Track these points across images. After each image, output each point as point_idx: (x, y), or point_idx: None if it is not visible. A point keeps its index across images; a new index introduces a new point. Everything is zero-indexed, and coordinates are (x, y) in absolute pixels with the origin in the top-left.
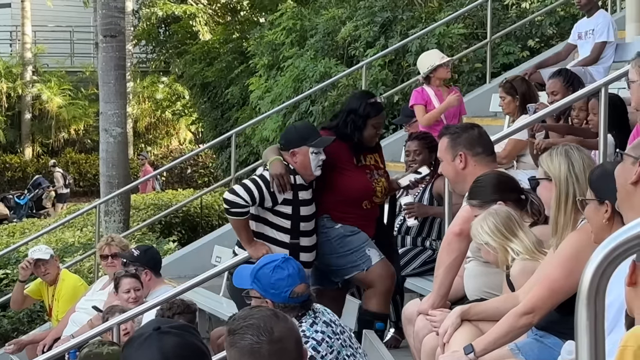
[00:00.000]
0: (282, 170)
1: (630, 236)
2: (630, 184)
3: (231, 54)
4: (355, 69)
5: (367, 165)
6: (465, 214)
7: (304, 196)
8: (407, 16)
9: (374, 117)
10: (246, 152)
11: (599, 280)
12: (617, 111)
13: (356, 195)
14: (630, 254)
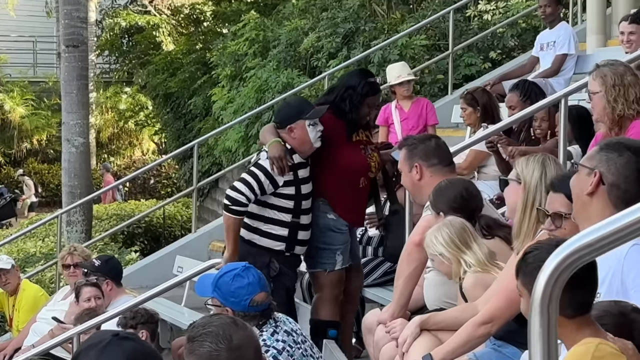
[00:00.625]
0: (281, 152)
1: (582, 244)
2: (586, 195)
3: (194, 64)
4: (318, 80)
5: (360, 141)
6: (426, 224)
7: (303, 174)
8: (369, 27)
9: (371, 96)
10: (209, 163)
11: (552, 288)
12: (584, 122)
13: (354, 170)
14: (583, 262)
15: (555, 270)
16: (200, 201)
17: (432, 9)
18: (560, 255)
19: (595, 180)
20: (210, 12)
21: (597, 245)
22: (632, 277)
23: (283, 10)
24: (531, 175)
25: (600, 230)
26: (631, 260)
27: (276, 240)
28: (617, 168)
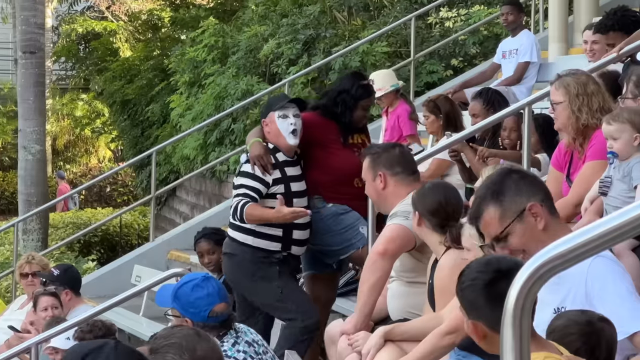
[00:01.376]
0: (260, 151)
1: (553, 255)
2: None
3: (152, 71)
4: (278, 87)
5: (355, 144)
6: (389, 234)
7: (292, 172)
8: (330, 34)
9: (365, 99)
10: (166, 171)
11: (524, 300)
12: (551, 131)
13: (347, 173)
14: (554, 273)
15: (526, 282)
16: (158, 210)
17: (393, 16)
18: (532, 267)
19: (537, 210)
20: (169, 18)
21: (569, 256)
22: (597, 289)
23: (242, 17)
24: None
25: (573, 241)
26: (594, 273)
27: (271, 241)
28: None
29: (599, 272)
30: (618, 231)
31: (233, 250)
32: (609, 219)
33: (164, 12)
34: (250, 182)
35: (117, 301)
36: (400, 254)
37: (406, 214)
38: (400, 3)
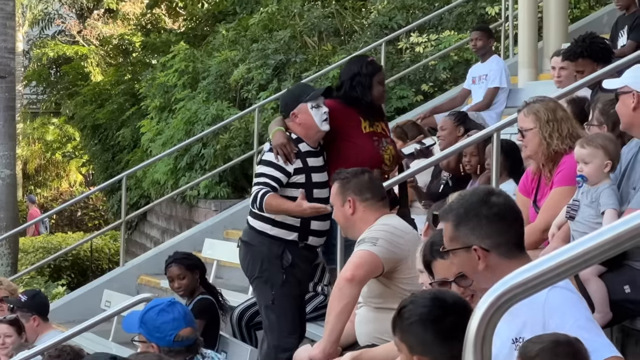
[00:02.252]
0: (283, 139)
1: (514, 284)
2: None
3: (123, 95)
4: (248, 112)
5: (376, 132)
6: (357, 260)
7: (314, 163)
8: (300, 59)
9: (377, 73)
10: (137, 195)
11: (485, 328)
12: (515, 157)
13: (364, 161)
14: (515, 301)
15: (487, 310)
16: (128, 234)
17: (363, 41)
18: (493, 295)
19: (478, 254)
20: (140, 42)
21: (529, 285)
22: (556, 322)
23: (213, 42)
24: None
25: (532, 270)
26: (552, 305)
27: (289, 230)
28: (486, 230)
29: (557, 304)
30: (578, 260)
31: (251, 240)
32: (568, 247)
33: (135, 36)
34: (272, 171)
35: (86, 326)
36: (367, 280)
37: (374, 240)
38: (371, 28)
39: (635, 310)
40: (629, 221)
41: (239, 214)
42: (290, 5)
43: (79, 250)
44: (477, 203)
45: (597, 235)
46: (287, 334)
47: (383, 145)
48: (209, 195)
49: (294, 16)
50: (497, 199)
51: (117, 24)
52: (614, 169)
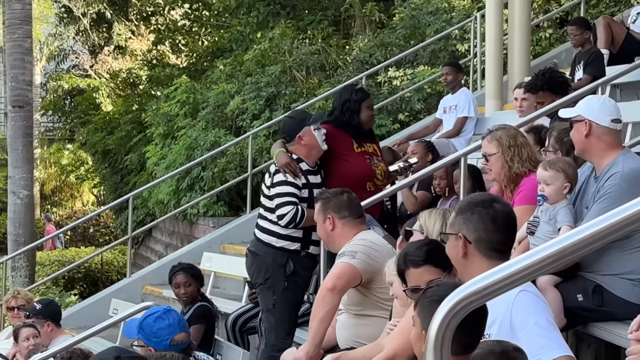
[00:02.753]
0: (286, 159)
1: (470, 292)
2: (461, 258)
3: (130, 123)
4: (243, 139)
5: (367, 152)
6: (338, 271)
7: (314, 180)
8: (289, 91)
9: (366, 99)
10: (143, 214)
11: (444, 332)
12: (480, 180)
13: (358, 177)
14: (472, 307)
15: (446, 316)
16: (135, 248)
17: (346, 75)
18: (451, 302)
19: (462, 243)
20: (146, 76)
21: (484, 292)
22: (520, 320)
23: (211, 75)
24: (433, 227)
25: (487, 279)
26: (519, 305)
27: (292, 241)
28: (475, 225)
29: (523, 305)
30: (525, 271)
31: (257, 250)
32: (517, 260)
33: (142, 71)
34: (290, 189)
35: (95, 331)
36: (347, 289)
37: (353, 253)
38: (353, 64)
39: (587, 316)
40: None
41: (234, 230)
42: (281, 43)
43: (91, 263)
44: (480, 202)
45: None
46: (284, 336)
47: (375, 163)
48: (208, 213)
49: (284, 53)
50: (498, 206)
51: (125, 59)
52: (571, 191)
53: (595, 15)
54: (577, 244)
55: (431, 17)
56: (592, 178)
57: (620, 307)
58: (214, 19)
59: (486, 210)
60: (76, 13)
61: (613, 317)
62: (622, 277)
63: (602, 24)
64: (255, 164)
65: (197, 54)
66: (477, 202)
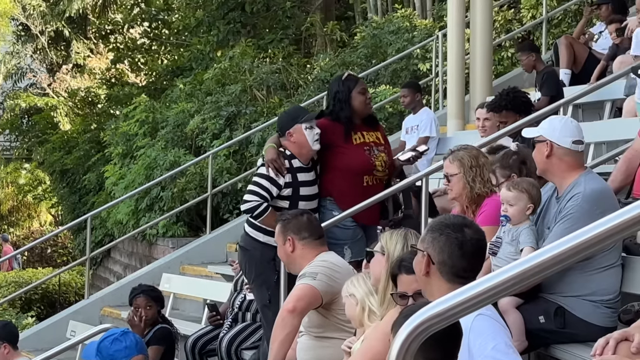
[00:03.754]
0: (273, 155)
1: (430, 315)
2: (423, 275)
3: (89, 143)
4: (202, 158)
5: (366, 142)
6: (298, 293)
7: (304, 177)
8: (250, 111)
9: (355, 86)
10: (102, 234)
11: (404, 355)
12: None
13: (355, 169)
14: (431, 331)
15: (406, 339)
16: (93, 269)
17: (307, 94)
18: (411, 325)
19: (426, 261)
20: (104, 95)
21: (445, 315)
22: (478, 345)
23: (171, 94)
24: (394, 248)
25: (446, 303)
26: (476, 330)
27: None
28: (441, 247)
29: (480, 330)
30: (487, 293)
31: (246, 245)
32: (476, 283)
33: (101, 89)
34: (265, 183)
35: (52, 354)
36: (308, 311)
37: (314, 274)
38: (314, 83)
39: (549, 338)
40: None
41: (194, 251)
42: (241, 62)
43: (48, 284)
44: (451, 225)
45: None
46: None
47: (374, 153)
48: (167, 233)
49: (245, 72)
50: (468, 231)
51: (84, 78)
52: (534, 212)
53: (557, 34)
54: (538, 266)
55: (393, 37)
56: (554, 199)
57: (582, 328)
58: (174, 38)
59: (455, 234)
60: (34, 31)
61: (575, 339)
62: (584, 298)
63: (564, 44)
64: (215, 184)
65: (157, 72)
66: (448, 224)
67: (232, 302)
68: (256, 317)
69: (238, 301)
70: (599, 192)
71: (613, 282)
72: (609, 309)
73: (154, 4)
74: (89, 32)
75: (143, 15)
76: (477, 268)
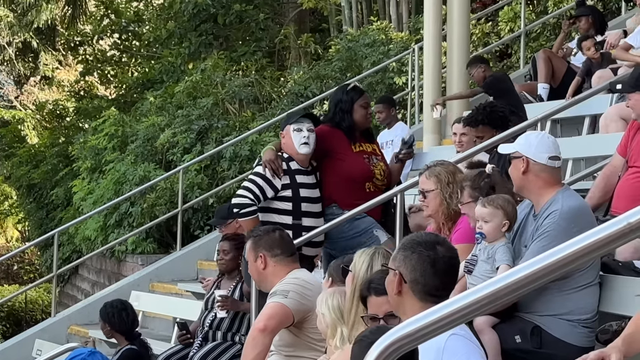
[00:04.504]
0: (271, 156)
1: (401, 335)
2: (395, 295)
3: (57, 157)
4: (173, 173)
5: (366, 151)
6: (269, 311)
7: (303, 180)
8: (222, 124)
9: (358, 98)
10: (69, 250)
11: None
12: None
13: (356, 176)
14: (403, 351)
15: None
16: (61, 287)
17: (280, 108)
18: (381, 345)
19: (397, 280)
20: (73, 108)
21: (417, 335)
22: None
23: (141, 108)
24: (360, 267)
25: (418, 322)
26: (449, 350)
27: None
28: (413, 265)
29: (454, 350)
30: (460, 312)
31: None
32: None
33: (69, 102)
34: (260, 181)
35: None
36: (279, 329)
37: (285, 292)
38: (287, 96)
39: (525, 358)
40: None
41: (164, 267)
42: (213, 75)
43: (14, 301)
44: (423, 243)
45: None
46: None
47: (373, 162)
48: (136, 250)
49: (217, 85)
50: (440, 249)
51: (52, 91)
52: (510, 229)
53: (535, 48)
54: (512, 285)
55: (368, 49)
56: (531, 216)
57: (559, 348)
58: (144, 50)
59: (427, 252)
60: (1, 42)
61: (551, 359)
62: (561, 317)
63: (542, 58)
64: (185, 200)
65: (127, 85)
66: (420, 242)
67: (203, 320)
68: (227, 335)
69: (209, 320)
70: (576, 209)
71: (591, 301)
72: (586, 329)
73: (125, 15)
74: (58, 44)
75: (113, 27)
76: (450, 286)
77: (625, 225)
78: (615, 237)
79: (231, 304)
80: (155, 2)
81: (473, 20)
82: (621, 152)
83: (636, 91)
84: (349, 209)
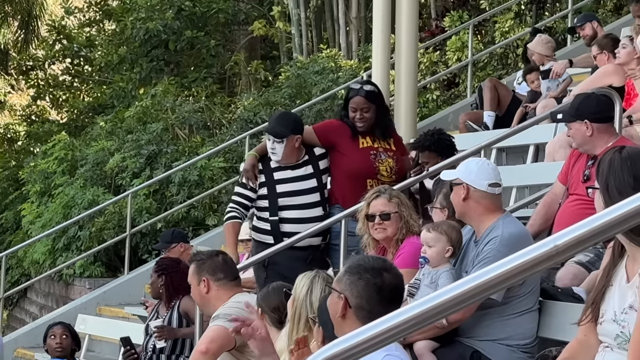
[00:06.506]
0: (247, 165)
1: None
2: (339, 317)
3: (6, 180)
4: (122, 197)
5: (373, 147)
6: (211, 334)
7: (284, 175)
8: (171, 149)
9: (350, 99)
10: (18, 274)
11: None
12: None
13: (355, 172)
14: None
15: None
16: (9, 310)
17: (230, 134)
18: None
19: (342, 304)
20: (24, 132)
21: (347, 354)
22: None
23: (91, 132)
24: (300, 290)
25: (351, 340)
26: None
27: (263, 234)
28: (359, 291)
29: None
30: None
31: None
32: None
33: (21, 126)
34: (241, 190)
35: None
36: (221, 353)
37: (227, 316)
38: (237, 122)
39: None
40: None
41: (111, 291)
42: (163, 100)
43: None
44: (370, 269)
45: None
46: None
47: (380, 158)
48: (84, 274)
49: (167, 110)
50: (387, 276)
51: (4, 114)
52: (454, 255)
53: (482, 77)
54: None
55: (317, 77)
56: (472, 242)
57: None
58: (96, 75)
59: (374, 280)
60: None
61: None
62: (501, 342)
63: (488, 86)
64: (134, 224)
65: (78, 110)
66: (367, 269)
67: (145, 345)
68: (171, 358)
69: (150, 345)
70: (516, 236)
71: (530, 327)
72: (525, 354)
73: (77, 40)
74: (10, 68)
75: (65, 52)
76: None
77: (552, 248)
78: (542, 259)
79: (167, 333)
80: (107, 28)
81: (421, 49)
82: (562, 179)
83: (576, 120)
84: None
